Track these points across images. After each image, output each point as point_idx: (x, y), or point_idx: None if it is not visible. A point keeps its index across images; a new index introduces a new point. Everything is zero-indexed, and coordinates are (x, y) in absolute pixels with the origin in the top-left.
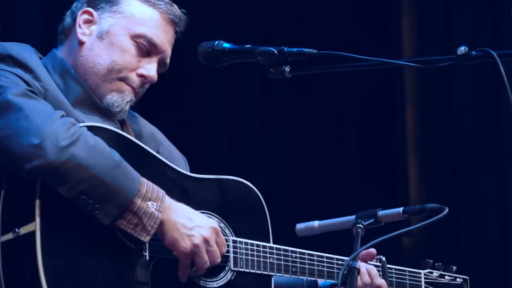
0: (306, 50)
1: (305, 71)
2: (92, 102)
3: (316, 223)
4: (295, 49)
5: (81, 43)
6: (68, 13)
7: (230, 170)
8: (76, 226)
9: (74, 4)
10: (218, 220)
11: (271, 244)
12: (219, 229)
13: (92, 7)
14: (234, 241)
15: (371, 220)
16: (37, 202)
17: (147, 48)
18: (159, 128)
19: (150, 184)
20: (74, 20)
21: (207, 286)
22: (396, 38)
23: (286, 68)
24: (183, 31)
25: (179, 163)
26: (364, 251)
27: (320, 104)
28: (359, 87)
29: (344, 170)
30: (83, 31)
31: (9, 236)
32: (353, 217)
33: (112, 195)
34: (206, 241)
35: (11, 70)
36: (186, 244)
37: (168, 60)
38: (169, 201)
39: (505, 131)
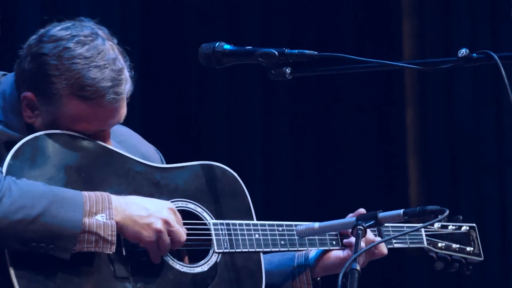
0: (307, 51)
1: (306, 72)
2: None
3: (316, 224)
4: (296, 51)
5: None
6: (17, 74)
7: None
8: None
9: (17, 65)
10: (195, 205)
11: (255, 221)
12: (174, 207)
13: (32, 92)
14: (214, 224)
15: (372, 222)
16: None
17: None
18: (161, 128)
19: (93, 196)
20: (21, 92)
21: (192, 272)
22: (396, 40)
23: (287, 70)
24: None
25: (154, 160)
26: (353, 215)
27: (320, 106)
28: (359, 89)
29: (344, 172)
30: (28, 115)
31: None
32: (354, 218)
33: (59, 233)
34: (166, 223)
35: None
36: (149, 233)
37: (123, 118)
38: (117, 202)
39: (506, 133)
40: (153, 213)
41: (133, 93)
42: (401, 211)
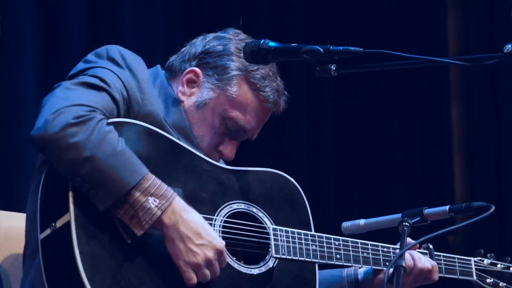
0: (352, 48)
1: (351, 69)
2: (188, 135)
3: (362, 221)
4: (341, 48)
5: (180, 99)
6: (182, 56)
7: (275, 167)
8: (109, 215)
9: (188, 49)
10: (258, 210)
11: (312, 232)
12: (223, 249)
13: (201, 68)
14: (274, 229)
15: (417, 219)
16: (70, 193)
17: (235, 130)
18: None
19: (158, 182)
20: (182, 70)
21: (249, 272)
22: (441, 36)
23: (332, 67)
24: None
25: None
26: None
27: (365, 102)
28: (404, 85)
29: (390, 168)
30: (183, 90)
31: (47, 232)
32: (399, 215)
33: (106, 182)
34: (208, 261)
35: (117, 71)
36: (189, 259)
37: (255, 137)
38: (179, 207)
39: None
40: (203, 245)
41: None
42: (447, 207)
